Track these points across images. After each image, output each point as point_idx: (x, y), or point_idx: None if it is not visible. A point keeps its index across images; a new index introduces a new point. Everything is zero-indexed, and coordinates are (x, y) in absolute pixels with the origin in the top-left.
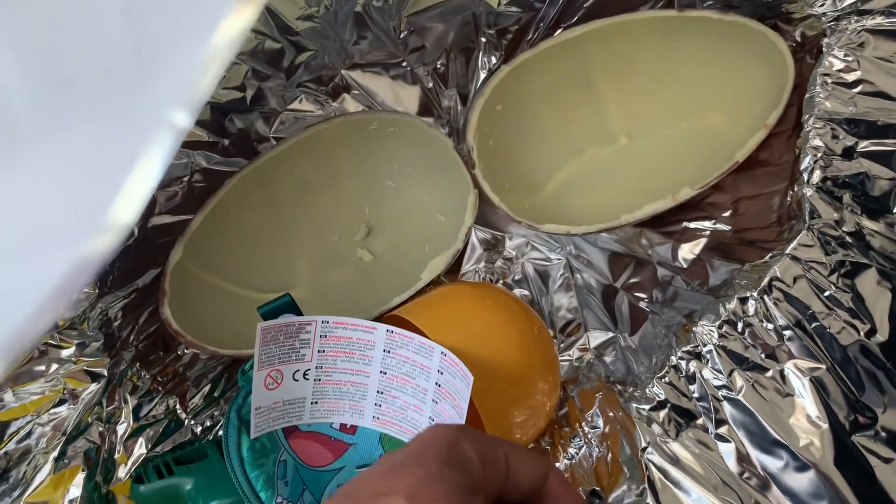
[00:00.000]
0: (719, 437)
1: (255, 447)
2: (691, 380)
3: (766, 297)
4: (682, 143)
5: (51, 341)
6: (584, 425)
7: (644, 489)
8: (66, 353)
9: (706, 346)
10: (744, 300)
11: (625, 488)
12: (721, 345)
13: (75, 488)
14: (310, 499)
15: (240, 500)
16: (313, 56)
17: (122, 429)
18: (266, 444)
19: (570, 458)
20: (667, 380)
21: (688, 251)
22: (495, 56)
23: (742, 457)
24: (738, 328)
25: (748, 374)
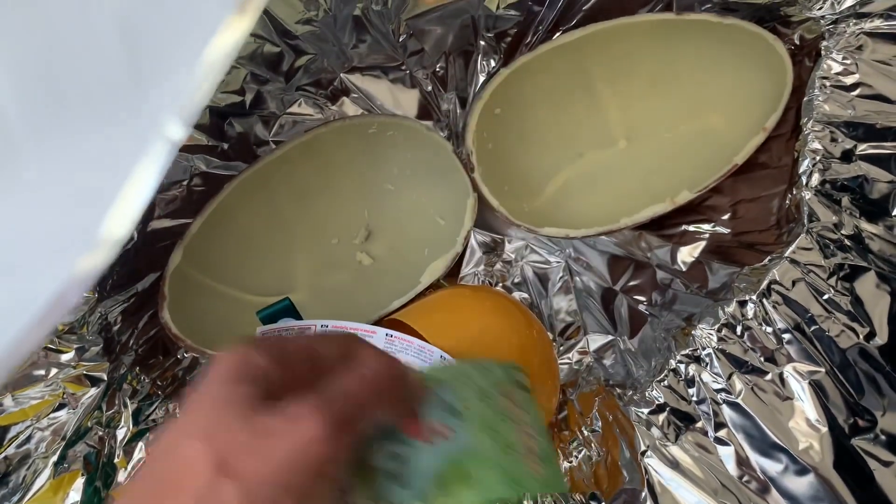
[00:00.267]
0: (719, 440)
1: None
2: (690, 383)
3: (765, 301)
4: (681, 146)
5: (50, 346)
6: (583, 429)
7: (644, 493)
8: (65, 357)
9: (705, 349)
10: (743, 303)
11: (624, 492)
12: (720, 348)
13: (75, 493)
14: None
15: None
16: (312, 60)
17: (122, 433)
18: None
19: (570, 462)
20: (666, 383)
21: (687, 254)
22: (494, 59)
23: (741, 460)
24: (738, 331)
25: (747, 378)
